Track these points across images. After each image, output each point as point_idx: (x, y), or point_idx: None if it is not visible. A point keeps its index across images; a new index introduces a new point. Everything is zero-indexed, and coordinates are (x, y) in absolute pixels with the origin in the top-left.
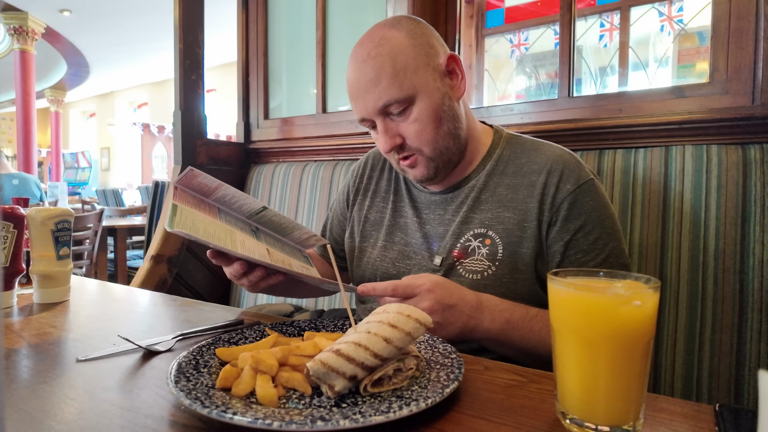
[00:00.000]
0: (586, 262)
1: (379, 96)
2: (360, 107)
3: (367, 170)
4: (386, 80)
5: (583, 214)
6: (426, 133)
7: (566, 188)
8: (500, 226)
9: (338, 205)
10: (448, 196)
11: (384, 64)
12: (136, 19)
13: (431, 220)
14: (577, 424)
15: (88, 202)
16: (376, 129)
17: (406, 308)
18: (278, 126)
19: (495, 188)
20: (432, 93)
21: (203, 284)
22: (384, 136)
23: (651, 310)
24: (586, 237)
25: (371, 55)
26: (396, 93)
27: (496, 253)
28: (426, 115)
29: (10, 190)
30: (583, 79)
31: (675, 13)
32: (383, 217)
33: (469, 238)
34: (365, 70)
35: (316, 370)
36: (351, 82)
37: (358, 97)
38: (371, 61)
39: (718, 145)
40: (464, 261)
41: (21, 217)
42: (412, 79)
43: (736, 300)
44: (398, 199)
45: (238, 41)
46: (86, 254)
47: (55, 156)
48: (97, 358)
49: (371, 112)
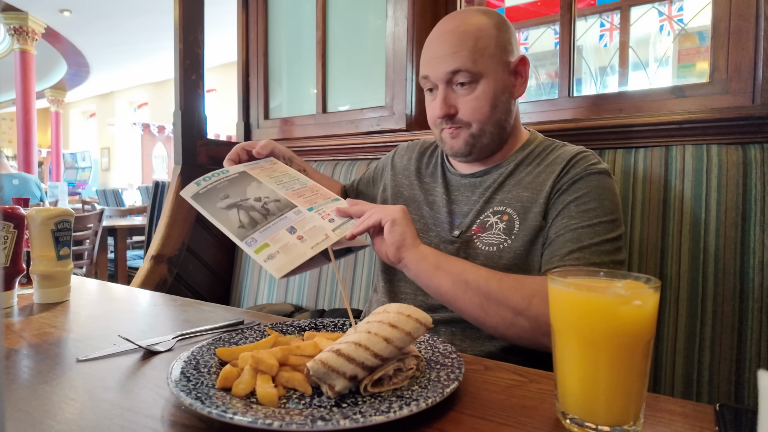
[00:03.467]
0: (568, 225)
1: (453, 61)
2: (430, 67)
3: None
4: (465, 51)
5: (583, 189)
6: (479, 112)
7: (576, 171)
8: (518, 204)
9: (376, 170)
10: (477, 180)
11: (468, 39)
12: (137, 20)
13: (458, 200)
14: (577, 424)
15: (89, 202)
16: (433, 93)
17: (407, 308)
18: (278, 126)
19: (520, 175)
20: (497, 80)
21: (203, 284)
22: (442, 102)
23: (651, 310)
24: (578, 206)
25: (459, 29)
26: (469, 64)
27: (512, 228)
28: (486, 96)
29: (10, 190)
30: (583, 79)
31: (675, 12)
32: (414, 194)
33: (488, 215)
34: (449, 39)
35: (317, 370)
36: (431, 45)
37: (433, 58)
38: (458, 34)
39: (718, 145)
40: (482, 235)
41: (21, 217)
42: (486, 61)
43: (736, 300)
44: (434, 181)
45: (238, 41)
46: (86, 254)
47: (56, 156)
48: (97, 358)
49: (440, 75)
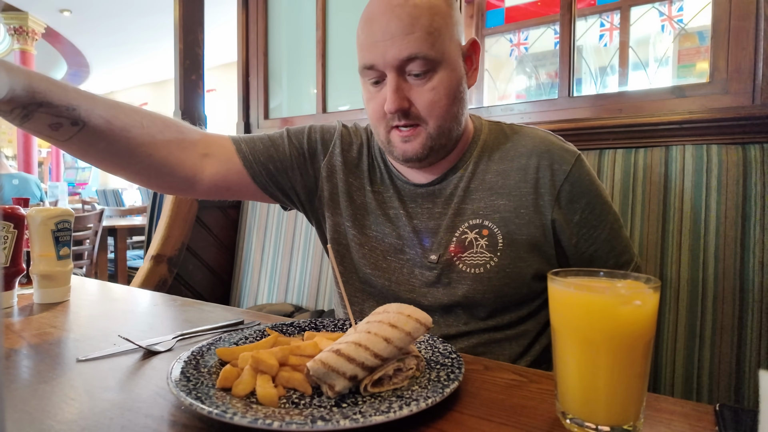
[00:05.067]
0: (597, 236)
1: (407, 46)
2: (376, 53)
3: (357, 142)
4: (420, 33)
5: (585, 192)
6: (439, 107)
7: (562, 169)
8: (496, 214)
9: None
10: (435, 188)
11: (422, 16)
12: (137, 19)
13: (419, 214)
14: (577, 423)
15: (89, 202)
16: (379, 85)
17: (407, 308)
18: (278, 126)
19: (483, 176)
20: (455, 68)
21: (203, 284)
22: (394, 94)
23: (651, 310)
24: (592, 211)
25: (410, 3)
26: (427, 49)
27: (496, 243)
28: (445, 87)
29: (10, 190)
30: (583, 79)
31: (675, 12)
32: (367, 202)
33: (464, 231)
34: (399, 14)
35: (317, 370)
36: (373, 23)
37: (379, 41)
38: (409, 8)
39: (718, 145)
40: (463, 255)
41: (21, 217)
42: (444, 44)
43: (736, 300)
44: (385, 189)
45: (238, 41)
46: (86, 254)
47: (55, 156)
48: (97, 358)
49: (389, 62)
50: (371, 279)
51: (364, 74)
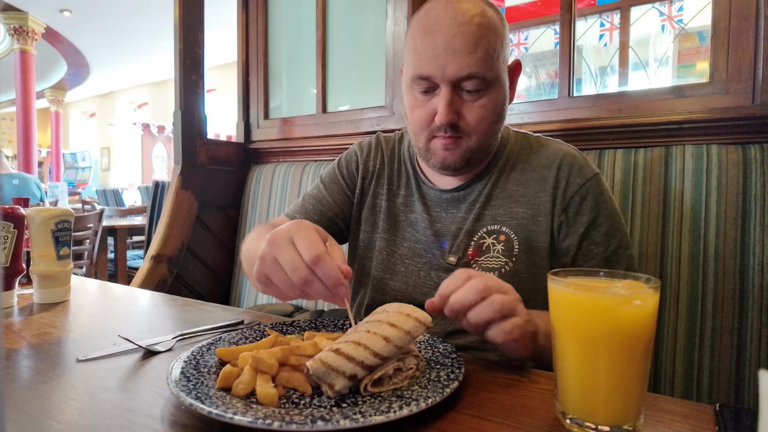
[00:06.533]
0: (598, 254)
1: (469, 64)
2: (435, 66)
3: (379, 154)
4: (482, 53)
5: (594, 208)
6: (484, 123)
7: (576, 182)
8: (513, 221)
9: (335, 182)
10: (460, 194)
11: (485, 37)
12: (136, 19)
13: (443, 218)
14: (577, 423)
15: (89, 202)
16: (428, 94)
17: (406, 307)
18: (278, 126)
19: (505, 184)
20: (503, 88)
21: (203, 284)
22: (448, 107)
23: (651, 310)
24: (597, 230)
25: (475, 21)
26: (485, 71)
27: (512, 249)
28: (492, 106)
29: (10, 190)
30: (583, 79)
31: (675, 12)
32: (394, 209)
33: (482, 236)
34: (464, 31)
35: (316, 369)
36: (436, 34)
37: (440, 54)
38: (474, 27)
39: (718, 145)
40: (479, 259)
41: (21, 217)
42: (498, 65)
43: (736, 300)
44: (409, 194)
45: (238, 41)
46: (86, 254)
47: (55, 156)
48: (97, 358)
49: (448, 77)
50: (386, 284)
51: (415, 83)
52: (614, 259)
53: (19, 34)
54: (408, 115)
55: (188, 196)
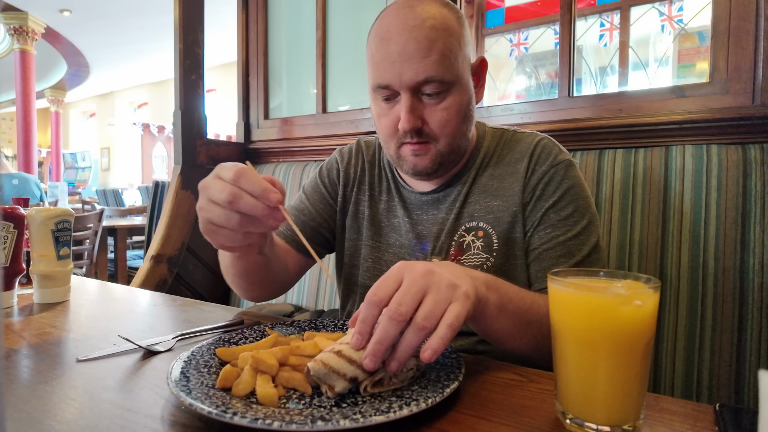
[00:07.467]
0: (555, 237)
1: (424, 69)
2: (392, 73)
3: (360, 160)
4: (437, 56)
5: (557, 192)
6: (450, 125)
7: (541, 169)
8: (490, 215)
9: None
10: (439, 195)
11: (439, 38)
12: (136, 19)
13: (424, 220)
14: (577, 423)
15: (89, 202)
16: (390, 102)
17: None
18: (278, 126)
19: (483, 181)
20: (466, 88)
21: (203, 284)
22: (409, 114)
23: (651, 310)
24: (557, 213)
25: (427, 24)
26: (443, 73)
27: (491, 244)
28: (456, 107)
29: (10, 190)
30: (583, 79)
31: (675, 12)
32: (377, 215)
33: (462, 234)
34: (416, 36)
35: (317, 370)
36: (389, 42)
37: (395, 61)
38: (426, 30)
39: (718, 145)
40: (461, 258)
41: (21, 217)
42: (457, 66)
43: (736, 300)
44: (390, 199)
45: (238, 41)
46: (86, 254)
47: (55, 156)
48: (97, 358)
49: (405, 83)
50: None
51: (376, 92)
52: (576, 246)
53: (19, 34)
54: (376, 124)
55: (188, 196)
